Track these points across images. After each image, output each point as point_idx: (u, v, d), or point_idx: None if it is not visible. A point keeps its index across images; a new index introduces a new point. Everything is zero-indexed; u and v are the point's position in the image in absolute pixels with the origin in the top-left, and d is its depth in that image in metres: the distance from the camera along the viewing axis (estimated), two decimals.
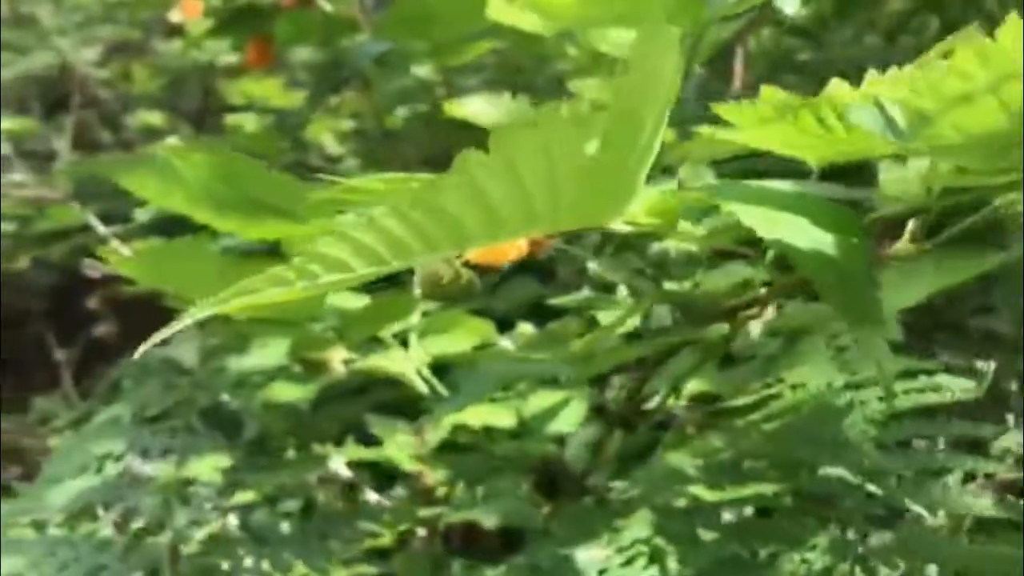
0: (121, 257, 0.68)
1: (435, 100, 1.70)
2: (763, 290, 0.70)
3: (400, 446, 1.03)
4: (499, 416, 0.96)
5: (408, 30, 1.15)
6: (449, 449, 1.12)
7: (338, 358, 0.90)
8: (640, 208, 0.42)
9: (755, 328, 0.72)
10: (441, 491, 1.13)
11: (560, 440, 0.99)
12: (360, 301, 0.90)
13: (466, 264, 0.52)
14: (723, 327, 0.63)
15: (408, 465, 0.99)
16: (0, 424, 2.82)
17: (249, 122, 2.02)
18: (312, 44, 1.35)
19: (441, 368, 0.95)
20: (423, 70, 1.73)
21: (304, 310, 0.79)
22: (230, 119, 2.15)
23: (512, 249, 0.52)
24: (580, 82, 1.37)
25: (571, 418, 0.95)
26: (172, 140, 2.86)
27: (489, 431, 1.03)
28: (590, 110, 0.33)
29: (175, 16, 1.87)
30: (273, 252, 0.72)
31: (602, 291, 0.75)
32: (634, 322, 0.67)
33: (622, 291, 0.73)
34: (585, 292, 0.75)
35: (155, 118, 2.86)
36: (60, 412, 2.99)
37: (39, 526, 0.88)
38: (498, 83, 1.85)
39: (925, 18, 1.88)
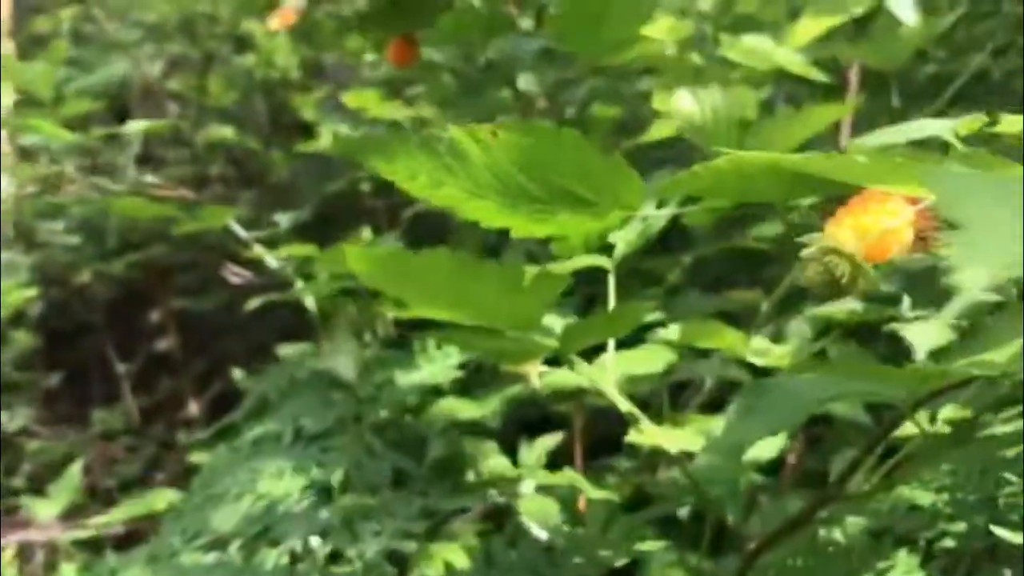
0: (358, 255, 0.59)
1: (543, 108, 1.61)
2: None
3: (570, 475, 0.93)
4: (688, 439, 0.87)
5: (578, 28, 1.07)
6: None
7: (535, 371, 0.81)
8: None
9: None
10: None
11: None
12: (560, 320, 0.81)
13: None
14: None
15: (591, 493, 0.90)
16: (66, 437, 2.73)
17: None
18: (467, 41, 1.27)
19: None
20: (521, 81, 1.65)
21: (518, 319, 0.70)
22: (326, 131, 2.07)
23: (894, 244, 0.43)
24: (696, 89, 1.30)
25: (774, 445, 0.86)
26: None
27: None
28: None
29: (273, 23, 1.80)
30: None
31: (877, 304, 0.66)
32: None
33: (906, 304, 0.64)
34: (852, 304, 0.66)
35: (226, 132, 2.79)
36: (120, 425, 2.91)
37: (212, 549, 0.79)
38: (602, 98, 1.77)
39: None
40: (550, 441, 1.02)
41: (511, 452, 0.97)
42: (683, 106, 0.87)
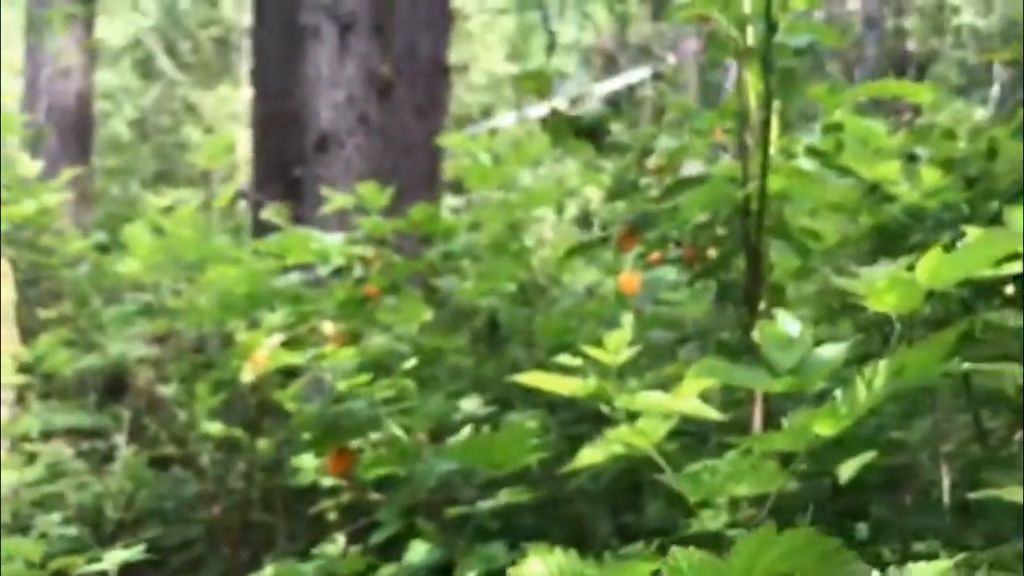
0: None
1: None
2: None
3: None
4: None
5: (471, 457, 1.23)
6: None
7: None
8: None
9: None
10: None
11: None
12: None
13: None
14: None
15: None
16: None
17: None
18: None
19: None
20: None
21: None
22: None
23: None
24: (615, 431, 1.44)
25: None
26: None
27: None
28: None
29: (247, 376, 1.95)
30: None
31: None
32: None
33: None
34: None
35: (214, 428, 2.92)
36: None
37: None
38: None
39: None
40: None
41: None
42: (533, 570, 0.99)
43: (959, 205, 1.57)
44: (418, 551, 1.35)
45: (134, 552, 1.42)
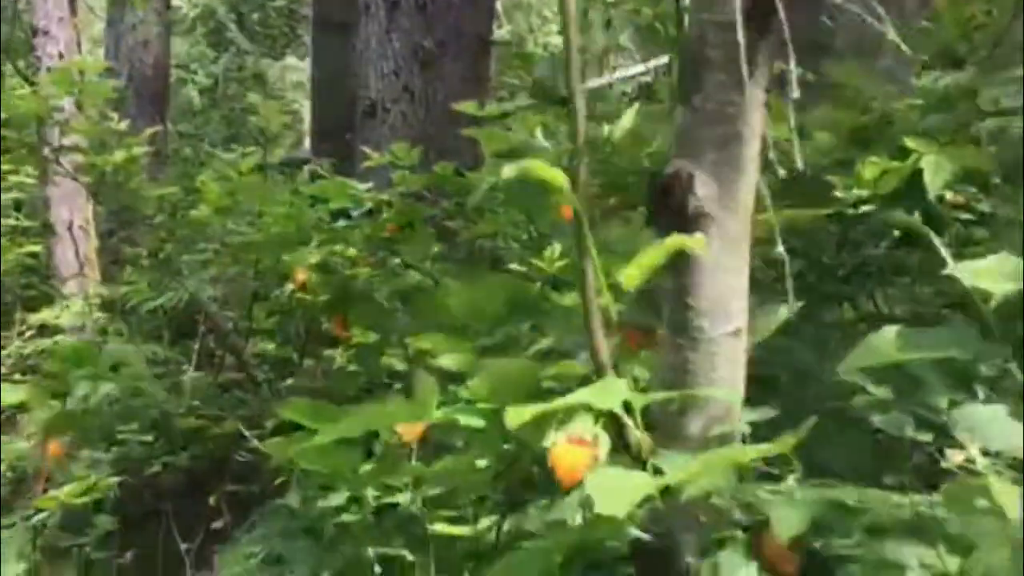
0: None
1: None
2: None
3: None
4: None
5: (423, 312, 1.69)
6: None
7: None
8: None
9: None
10: None
11: None
12: None
13: None
14: None
15: None
16: None
17: None
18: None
19: None
20: None
21: None
22: None
23: None
24: None
25: None
26: None
27: None
28: None
29: (288, 288, 2.42)
30: None
31: None
32: None
33: None
34: None
35: (268, 346, 3.41)
36: None
37: None
38: None
39: None
40: None
41: None
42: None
43: (850, 161, 1.96)
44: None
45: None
